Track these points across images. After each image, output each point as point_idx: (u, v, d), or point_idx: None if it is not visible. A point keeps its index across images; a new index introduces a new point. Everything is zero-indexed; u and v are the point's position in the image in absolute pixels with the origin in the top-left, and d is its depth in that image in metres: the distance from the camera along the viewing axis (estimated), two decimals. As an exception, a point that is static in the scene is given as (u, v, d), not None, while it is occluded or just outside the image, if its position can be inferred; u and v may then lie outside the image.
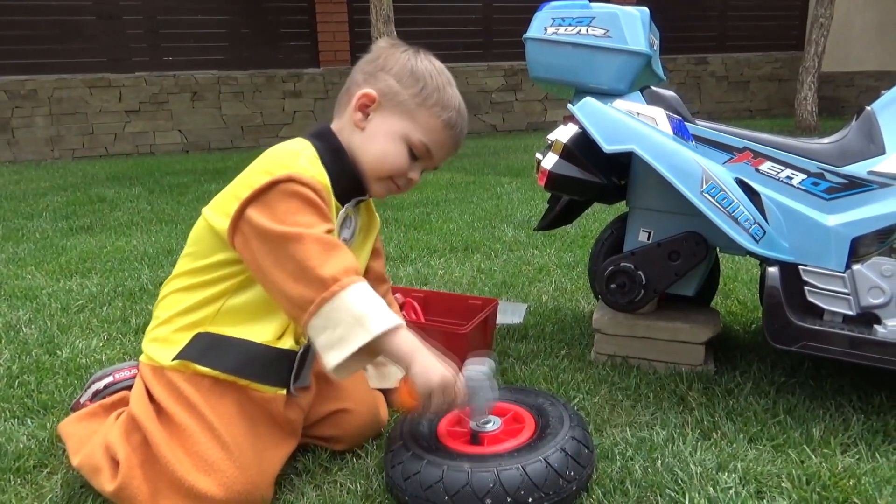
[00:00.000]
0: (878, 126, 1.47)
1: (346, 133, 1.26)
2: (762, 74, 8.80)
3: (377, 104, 1.23)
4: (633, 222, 1.69)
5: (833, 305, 1.44)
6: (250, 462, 1.13)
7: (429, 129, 1.25)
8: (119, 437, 1.17)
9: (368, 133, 1.24)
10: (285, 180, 1.11)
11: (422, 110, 1.24)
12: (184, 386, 1.17)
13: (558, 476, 1.10)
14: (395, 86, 1.23)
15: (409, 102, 1.24)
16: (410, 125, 1.24)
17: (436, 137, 1.26)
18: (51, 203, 4.14)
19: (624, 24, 1.56)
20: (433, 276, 2.49)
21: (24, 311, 2.19)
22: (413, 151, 1.25)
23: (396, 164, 1.25)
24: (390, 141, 1.24)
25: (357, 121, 1.24)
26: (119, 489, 1.12)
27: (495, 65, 7.78)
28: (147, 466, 1.13)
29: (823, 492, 1.17)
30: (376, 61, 1.26)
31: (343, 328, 1.06)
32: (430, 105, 1.24)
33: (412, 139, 1.24)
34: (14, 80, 6.29)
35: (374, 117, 1.24)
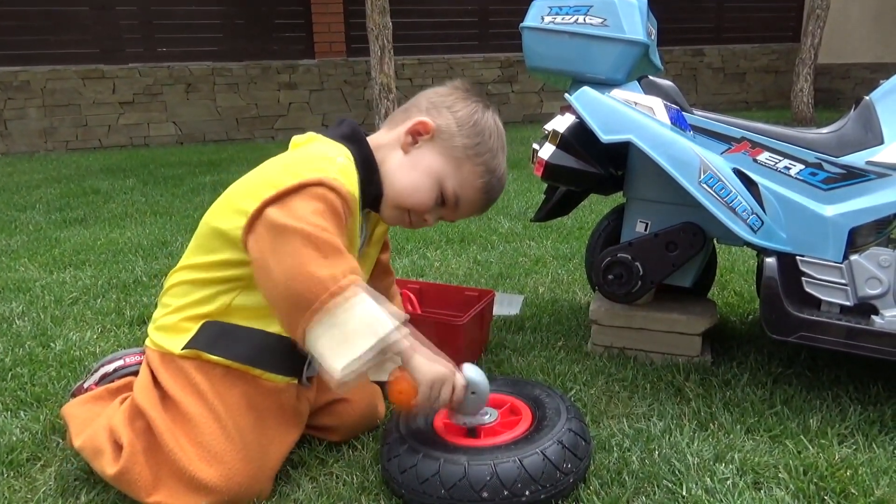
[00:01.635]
0: (876, 116, 1.46)
1: (386, 150, 1.25)
2: (758, 66, 8.79)
3: (430, 136, 1.24)
4: (631, 213, 1.68)
5: (830, 296, 1.44)
6: (254, 455, 1.13)
7: (467, 184, 1.25)
8: (123, 421, 1.16)
9: (409, 160, 1.25)
10: (315, 184, 1.08)
11: (468, 163, 1.25)
12: (194, 374, 1.16)
13: (555, 468, 1.09)
14: (454, 129, 1.24)
15: (460, 150, 1.24)
16: (452, 171, 1.24)
17: (469, 194, 1.26)
18: (44, 195, 4.11)
19: (621, 12, 1.55)
20: (429, 267, 2.48)
21: (17, 304, 2.17)
22: (443, 196, 1.25)
23: (422, 201, 1.24)
24: (426, 176, 1.24)
25: (405, 143, 1.24)
26: (120, 473, 1.12)
27: (491, 56, 7.74)
28: (150, 453, 1.13)
29: (820, 482, 1.17)
30: (447, 97, 1.27)
31: (351, 328, 1.01)
32: (479, 162, 1.25)
33: (447, 185, 1.24)
34: (6, 70, 6.24)
35: (422, 148, 1.25)
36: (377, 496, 1.17)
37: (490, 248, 2.73)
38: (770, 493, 1.15)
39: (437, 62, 7.56)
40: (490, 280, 2.33)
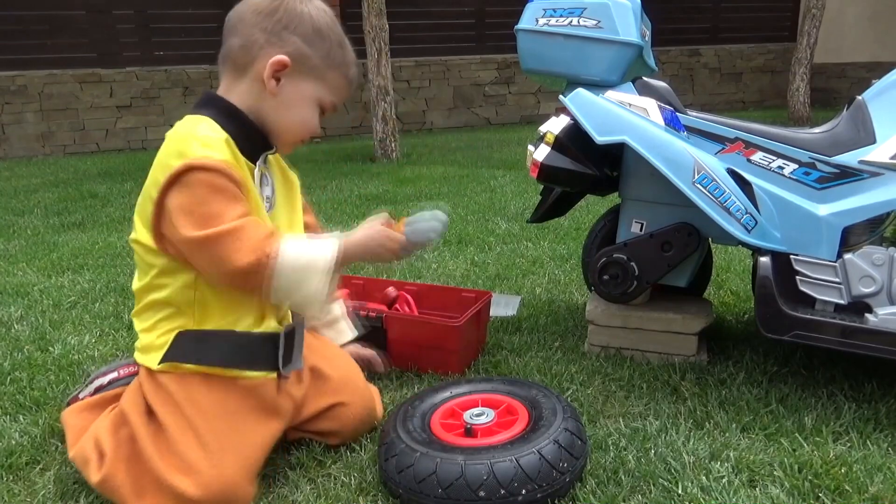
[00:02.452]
0: (868, 115, 1.47)
1: (254, 99, 1.20)
2: (755, 66, 8.81)
3: (289, 70, 1.18)
4: (626, 213, 1.69)
5: (825, 294, 1.44)
6: (230, 462, 1.12)
7: (337, 88, 1.25)
8: (107, 429, 1.18)
9: (283, 100, 1.20)
10: (184, 171, 1.08)
11: (330, 71, 1.23)
12: (172, 386, 1.17)
13: (552, 468, 1.10)
14: (305, 48, 1.19)
15: (319, 65, 1.21)
16: (322, 87, 1.23)
17: (342, 94, 1.27)
18: (42, 199, 4.12)
19: (615, 14, 1.56)
20: (426, 269, 2.49)
21: (15, 308, 2.17)
22: (322, 110, 1.26)
23: (312, 128, 1.25)
24: (306, 106, 1.23)
25: (272, 88, 1.18)
26: (103, 480, 1.13)
27: (488, 57, 7.76)
28: (132, 462, 1.14)
29: (815, 480, 1.18)
30: (275, 15, 1.18)
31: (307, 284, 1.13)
32: (338, 65, 1.23)
33: (324, 101, 1.24)
34: (4, 75, 6.24)
35: (287, 83, 1.19)
36: (375, 497, 1.17)
37: (487, 250, 2.74)
38: (765, 491, 1.15)
39: (433, 64, 7.57)
40: (487, 281, 2.34)
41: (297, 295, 1.16)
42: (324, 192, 4.05)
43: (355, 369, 1.42)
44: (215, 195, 1.09)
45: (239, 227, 1.10)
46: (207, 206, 1.09)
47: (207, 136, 1.13)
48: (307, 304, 1.20)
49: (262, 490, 1.21)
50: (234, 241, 1.09)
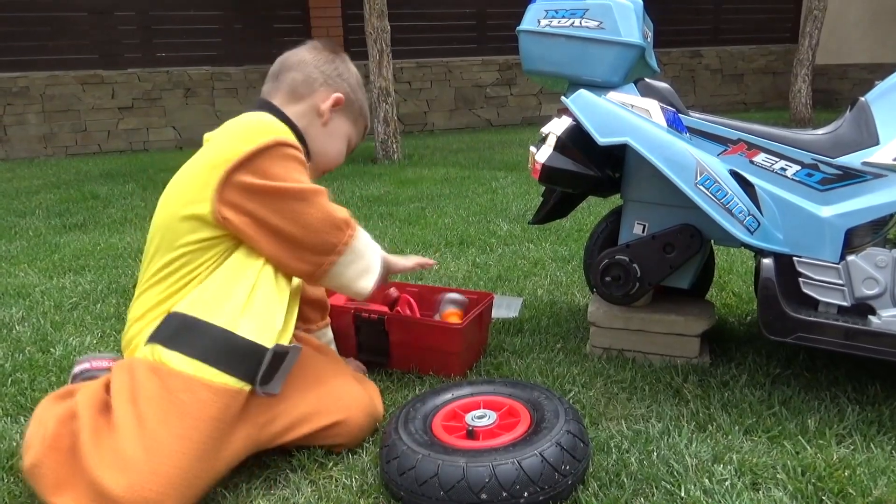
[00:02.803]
0: (871, 117, 1.47)
1: (304, 119, 1.38)
2: (756, 67, 8.80)
3: (341, 107, 1.42)
4: (628, 215, 1.68)
5: (828, 296, 1.44)
6: (170, 471, 1.07)
7: (360, 132, 1.50)
8: (56, 418, 1.14)
9: (330, 131, 1.42)
10: (274, 145, 1.22)
11: (361, 118, 1.48)
12: (142, 374, 1.13)
13: (554, 470, 1.10)
14: (352, 94, 1.44)
15: (357, 111, 1.46)
16: (354, 129, 1.48)
17: (361, 138, 1.51)
18: (44, 200, 4.12)
19: (617, 15, 1.55)
20: (428, 270, 2.48)
21: (17, 309, 2.17)
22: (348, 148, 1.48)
23: (341, 160, 1.47)
24: (342, 140, 1.46)
25: (326, 118, 1.40)
26: (32, 465, 1.10)
27: (490, 59, 7.76)
28: (67, 454, 1.10)
29: (819, 483, 1.17)
30: (332, 64, 1.42)
31: (368, 258, 1.33)
32: (365, 114, 1.49)
33: (352, 140, 1.48)
34: (6, 76, 6.25)
35: (335, 118, 1.42)
36: (376, 499, 1.17)
37: (489, 251, 2.74)
38: (768, 494, 1.15)
39: (435, 65, 7.58)
40: (489, 283, 2.34)
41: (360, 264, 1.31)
42: (325, 194, 4.04)
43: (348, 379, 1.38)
44: (301, 168, 1.25)
45: (319, 190, 1.26)
46: (298, 174, 1.24)
47: (281, 126, 1.28)
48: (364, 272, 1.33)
49: (263, 492, 1.21)
50: (327, 200, 1.26)
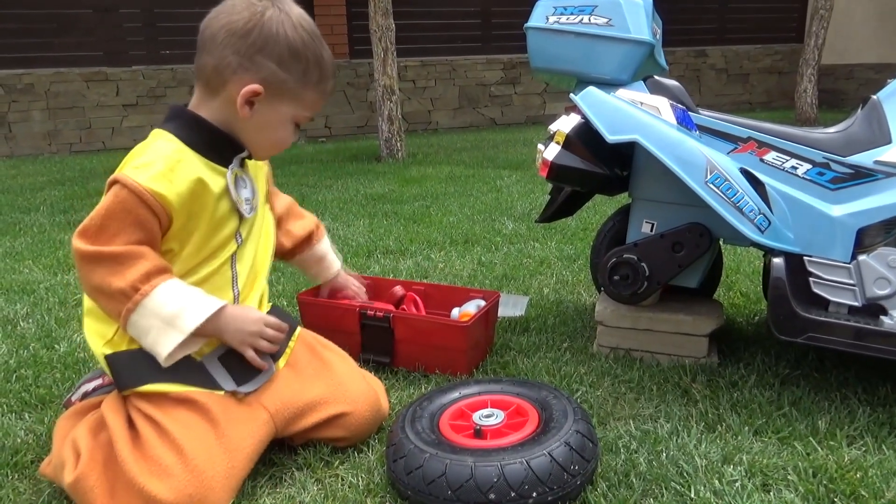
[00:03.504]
0: (884, 115, 1.45)
1: (224, 117, 1.20)
2: (762, 67, 8.78)
3: (262, 96, 1.17)
4: (636, 213, 1.67)
5: (838, 296, 1.43)
6: (205, 466, 1.10)
7: (314, 104, 1.25)
8: (86, 432, 1.17)
9: (255, 123, 1.21)
10: (111, 183, 1.13)
11: (307, 91, 1.21)
12: (142, 404, 1.17)
13: (562, 470, 1.09)
14: (279, 73, 1.17)
15: (294, 87, 1.20)
16: (298, 106, 1.22)
17: (318, 106, 1.27)
18: (48, 197, 4.12)
19: (627, 12, 1.54)
20: (433, 269, 2.48)
21: (21, 306, 2.17)
22: (297, 125, 1.26)
23: (285, 145, 1.27)
24: (281, 127, 1.23)
25: (244, 114, 1.18)
26: (76, 480, 1.11)
27: (494, 58, 7.74)
28: (109, 465, 1.12)
29: (830, 484, 1.16)
30: (249, 38, 1.15)
31: (154, 333, 1.13)
32: (315, 83, 1.22)
33: (299, 117, 1.24)
34: (10, 73, 6.25)
35: (260, 107, 1.19)
36: (383, 498, 1.16)
37: (494, 250, 2.73)
38: (779, 496, 1.14)
39: (439, 64, 7.56)
40: (495, 281, 2.33)
41: (146, 339, 1.15)
42: (329, 192, 4.04)
43: (355, 372, 1.39)
44: (122, 214, 1.11)
45: (125, 253, 1.12)
46: (109, 220, 1.12)
47: (151, 156, 1.14)
48: (152, 351, 1.16)
49: (269, 490, 1.20)
50: (116, 264, 1.12)
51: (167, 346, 1.14)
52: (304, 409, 1.27)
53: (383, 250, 2.74)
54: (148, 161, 1.14)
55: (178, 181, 1.14)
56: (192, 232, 1.19)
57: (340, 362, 1.39)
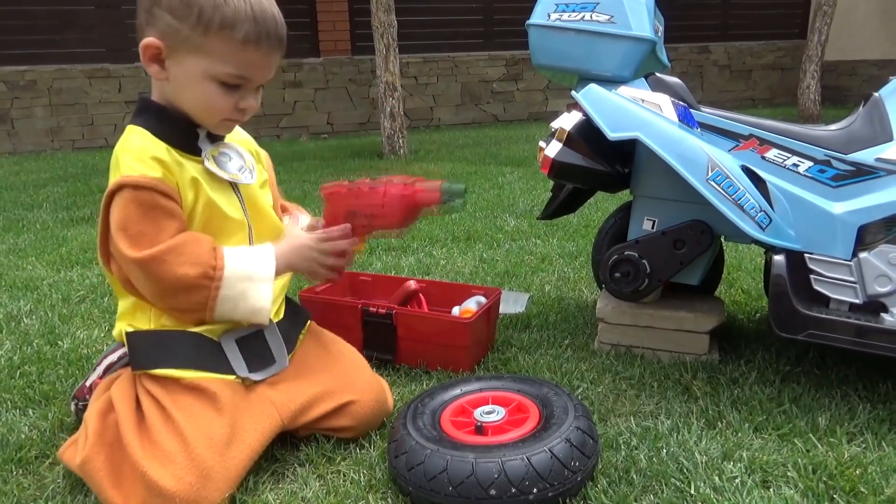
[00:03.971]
0: (885, 112, 1.45)
1: (158, 88, 1.17)
2: (765, 63, 8.76)
3: (165, 50, 1.10)
4: (638, 210, 1.67)
5: (839, 294, 1.43)
6: (207, 456, 1.10)
7: (228, 56, 1.10)
8: (95, 413, 1.18)
9: (174, 83, 1.14)
10: (117, 189, 1.12)
11: (210, 39, 1.08)
12: (151, 385, 1.18)
13: (563, 466, 1.09)
14: (173, 22, 1.08)
15: (193, 36, 1.08)
16: (207, 60, 1.10)
17: (240, 60, 1.11)
18: (51, 194, 4.13)
19: (628, 9, 1.54)
20: (435, 265, 2.48)
21: (24, 302, 2.18)
22: (226, 84, 1.13)
23: (218, 106, 1.15)
24: (198, 85, 1.12)
25: (156, 74, 1.13)
26: (83, 462, 1.12)
27: (496, 54, 7.74)
28: (116, 447, 1.13)
29: (830, 481, 1.16)
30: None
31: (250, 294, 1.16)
32: (217, 30, 1.08)
33: (217, 74, 1.11)
34: (13, 70, 6.26)
35: (171, 65, 1.12)
36: (384, 494, 1.17)
37: (496, 247, 2.73)
38: (779, 492, 1.14)
39: (441, 60, 7.56)
40: (496, 278, 2.33)
41: (244, 305, 1.17)
42: (331, 188, 4.04)
43: (362, 363, 1.42)
44: (147, 213, 1.11)
45: (180, 243, 1.12)
46: (141, 225, 1.11)
47: (137, 149, 1.13)
48: (253, 313, 1.18)
49: (271, 486, 1.20)
50: (176, 255, 1.11)
51: (266, 297, 1.17)
52: (311, 402, 1.28)
53: (385, 247, 2.74)
54: (136, 156, 1.13)
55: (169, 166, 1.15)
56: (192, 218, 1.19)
57: (348, 355, 1.40)
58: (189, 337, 1.20)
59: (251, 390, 1.23)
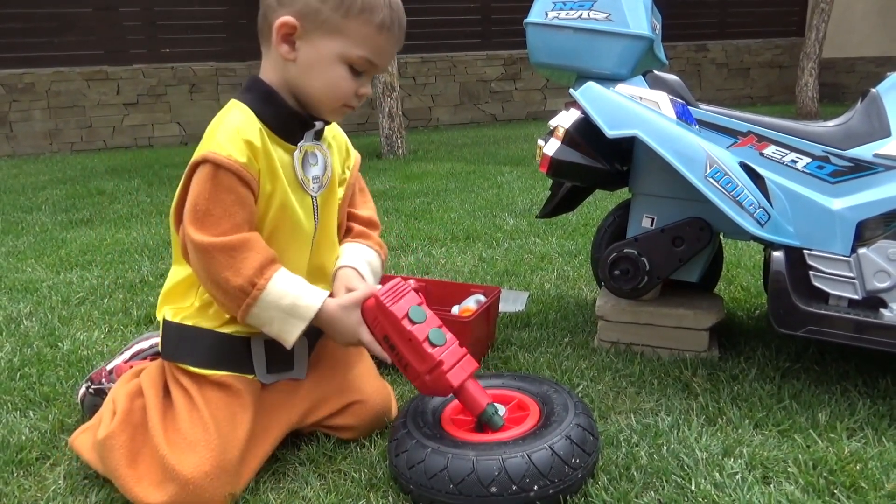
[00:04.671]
0: (883, 108, 1.45)
1: (280, 69, 1.15)
2: (763, 61, 8.76)
3: (300, 30, 1.11)
4: (637, 208, 1.68)
5: (838, 290, 1.43)
6: (227, 447, 1.13)
7: (364, 40, 1.12)
8: (125, 394, 1.21)
9: (302, 64, 1.13)
10: (200, 162, 1.11)
11: (350, 22, 1.10)
12: (180, 375, 1.21)
13: (564, 463, 1.09)
14: (314, 2, 1.09)
15: (333, 18, 1.10)
16: (344, 42, 1.12)
17: (374, 45, 1.13)
18: (50, 196, 4.13)
19: (626, 7, 1.54)
20: (434, 265, 2.48)
21: (24, 304, 2.18)
22: (354, 68, 1.14)
23: (343, 90, 1.15)
24: (329, 67, 1.13)
25: (285, 54, 1.12)
26: (106, 437, 1.15)
27: (494, 53, 7.74)
28: (140, 430, 1.17)
29: (830, 476, 1.16)
30: None
31: (278, 323, 1.14)
32: (357, 13, 1.10)
33: (351, 57, 1.13)
34: (11, 73, 6.26)
35: (302, 45, 1.12)
36: (385, 492, 1.17)
37: (495, 245, 2.73)
38: (779, 488, 1.14)
39: (440, 60, 7.56)
40: (496, 277, 2.33)
41: (270, 328, 1.16)
42: (330, 189, 4.04)
43: (371, 368, 1.41)
44: (221, 195, 1.10)
45: (240, 245, 1.11)
46: (210, 203, 1.10)
47: (233, 128, 1.11)
48: (278, 337, 1.18)
49: (272, 485, 1.21)
50: (229, 258, 1.10)
51: (293, 334, 1.15)
52: (319, 402, 1.30)
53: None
54: (230, 133, 1.11)
55: (258, 152, 1.13)
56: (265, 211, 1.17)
57: (358, 359, 1.40)
58: (217, 337, 1.21)
59: (266, 391, 1.26)
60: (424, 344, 1.14)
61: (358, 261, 1.31)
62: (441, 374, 1.14)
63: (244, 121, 1.13)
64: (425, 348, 1.14)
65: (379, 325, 1.17)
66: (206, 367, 1.19)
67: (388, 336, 1.17)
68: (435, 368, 1.14)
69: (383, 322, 1.16)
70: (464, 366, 1.17)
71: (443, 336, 1.16)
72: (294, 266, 1.21)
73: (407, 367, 1.18)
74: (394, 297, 1.16)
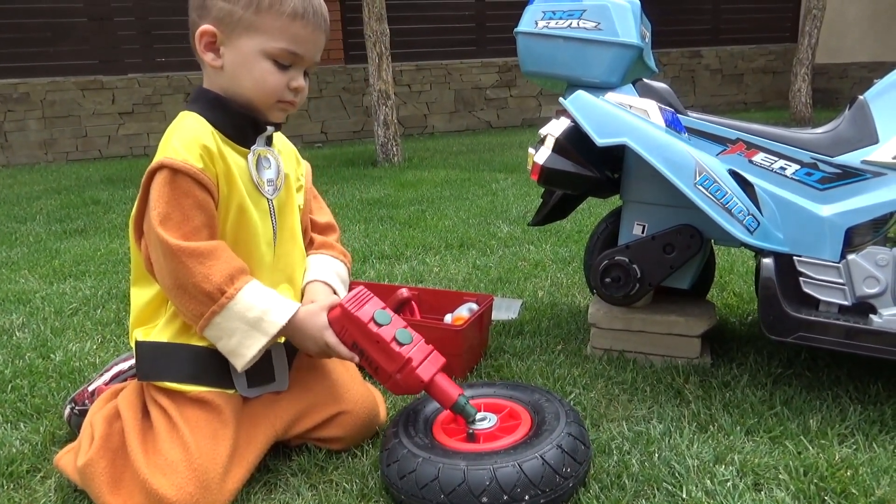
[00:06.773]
0: (870, 115, 1.46)
1: (214, 79, 1.19)
2: (756, 67, 8.80)
3: (220, 36, 1.15)
4: (628, 216, 1.68)
5: (828, 296, 1.44)
6: (209, 466, 1.12)
7: (280, 31, 1.14)
8: (103, 418, 1.20)
9: (229, 68, 1.16)
10: (157, 168, 1.12)
11: (262, 16, 1.13)
12: (158, 395, 1.20)
13: (555, 473, 1.09)
14: (226, 6, 1.13)
15: (246, 16, 1.13)
16: (261, 38, 1.14)
17: (291, 35, 1.15)
18: (44, 206, 4.12)
19: (615, 16, 1.55)
20: (428, 273, 2.48)
21: (17, 315, 2.17)
22: (279, 62, 1.16)
23: (272, 85, 1.17)
24: (253, 65, 1.15)
25: (211, 62, 1.16)
26: (85, 465, 1.14)
27: (489, 61, 7.76)
28: (119, 454, 1.15)
29: (821, 482, 1.16)
30: None
31: (238, 336, 1.14)
32: (268, 7, 1.13)
33: (271, 50, 1.15)
34: (6, 83, 6.26)
35: (226, 51, 1.16)
36: (377, 502, 1.17)
37: (489, 253, 2.74)
38: (770, 495, 1.14)
39: (434, 68, 7.58)
40: (489, 285, 2.33)
41: (228, 341, 1.15)
42: (325, 197, 4.03)
43: (355, 375, 1.41)
44: (179, 198, 1.11)
45: (209, 252, 1.13)
46: (169, 207, 1.11)
47: (187, 134, 1.14)
48: (231, 353, 1.17)
49: (263, 496, 1.20)
50: (199, 264, 1.11)
51: (253, 349, 1.14)
52: (302, 413, 1.29)
53: (379, 255, 2.75)
54: (184, 140, 1.13)
55: (213, 157, 1.15)
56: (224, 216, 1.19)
57: (341, 368, 1.40)
58: (194, 351, 1.20)
59: (248, 404, 1.25)
60: (392, 344, 1.17)
61: (328, 274, 1.35)
62: (411, 371, 1.17)
63: (198, 127, 1.16)
64: (393, 348, 1.17)
65: (347, 332, 1.20)
66: (185, 382, 1.19)
67: (356, 342, 1.19)
68: (405, 366, 1.17)
69: (350, 328, 1.19)
70: (432, 360, 1.21)
71: (409, 335, 1.20)
72: (257, 271, 1.23)
73: (377, 369, 1.20)
74: (358, 303, 1.19)
